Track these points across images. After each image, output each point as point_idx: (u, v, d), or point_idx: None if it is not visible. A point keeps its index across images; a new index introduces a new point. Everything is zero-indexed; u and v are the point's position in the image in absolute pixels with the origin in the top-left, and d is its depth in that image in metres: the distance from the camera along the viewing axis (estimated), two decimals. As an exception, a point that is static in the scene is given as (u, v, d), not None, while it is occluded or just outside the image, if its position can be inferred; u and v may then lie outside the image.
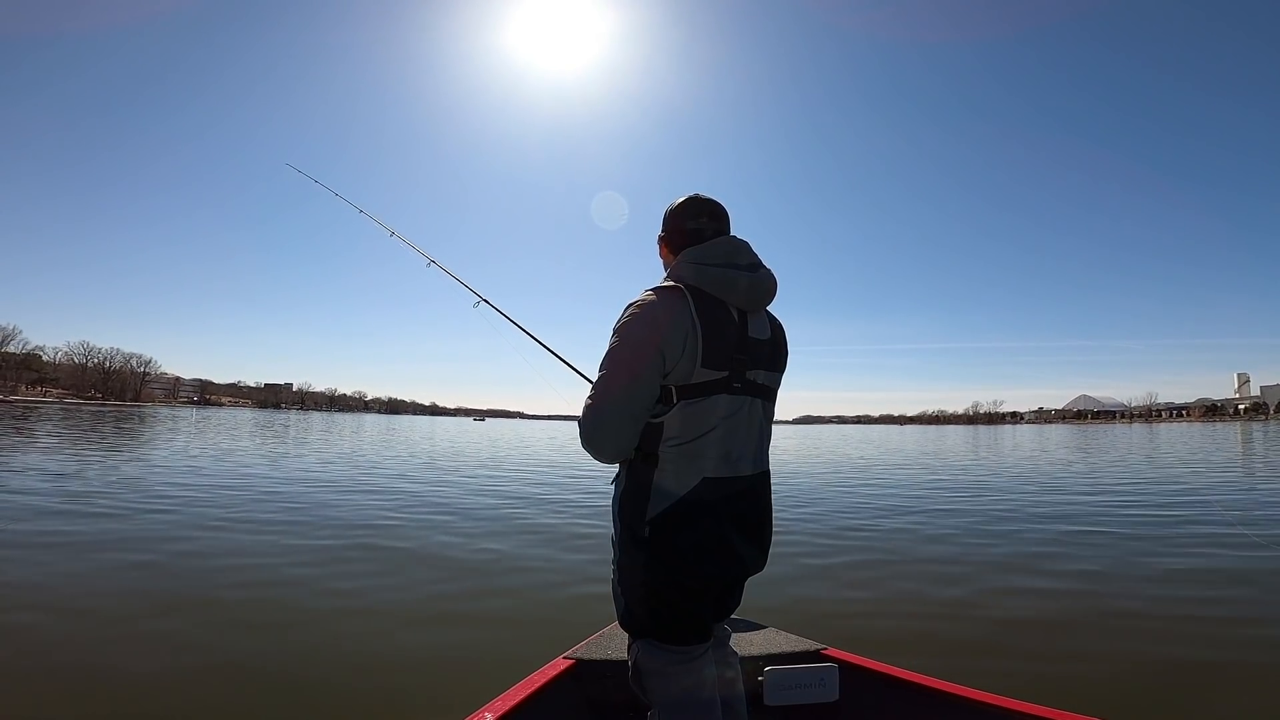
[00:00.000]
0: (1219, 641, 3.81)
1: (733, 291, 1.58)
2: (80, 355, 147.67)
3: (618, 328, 1.54)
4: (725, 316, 1.56)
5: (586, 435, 1.54)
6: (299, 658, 3.47)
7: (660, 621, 1.57)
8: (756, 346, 1.61)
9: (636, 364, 1.49)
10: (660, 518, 1.49)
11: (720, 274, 1.58)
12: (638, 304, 1.56)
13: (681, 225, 1.71)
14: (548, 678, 2.13)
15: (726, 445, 1.54)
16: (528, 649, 3.08)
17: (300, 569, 5.23)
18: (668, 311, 1.51)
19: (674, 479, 1.50)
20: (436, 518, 7.96)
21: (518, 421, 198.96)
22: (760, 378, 1.62)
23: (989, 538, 7.13)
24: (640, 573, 1.55)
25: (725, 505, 1.53)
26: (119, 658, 3.37)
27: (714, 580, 1.58)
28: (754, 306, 1.64)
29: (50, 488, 9.22)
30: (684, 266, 1.61)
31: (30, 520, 6.81)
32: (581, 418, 1.54)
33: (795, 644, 2.41)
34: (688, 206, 1.73)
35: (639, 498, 1.53)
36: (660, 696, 1.59)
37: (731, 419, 1.54)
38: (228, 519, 7.29)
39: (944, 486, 12.69)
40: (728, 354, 1.53)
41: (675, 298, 1.53)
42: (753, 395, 1.60)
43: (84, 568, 5.04)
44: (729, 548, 1.54)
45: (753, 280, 1.62)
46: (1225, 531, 7.10)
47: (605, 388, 1.52)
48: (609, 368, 1.53)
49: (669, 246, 1.74)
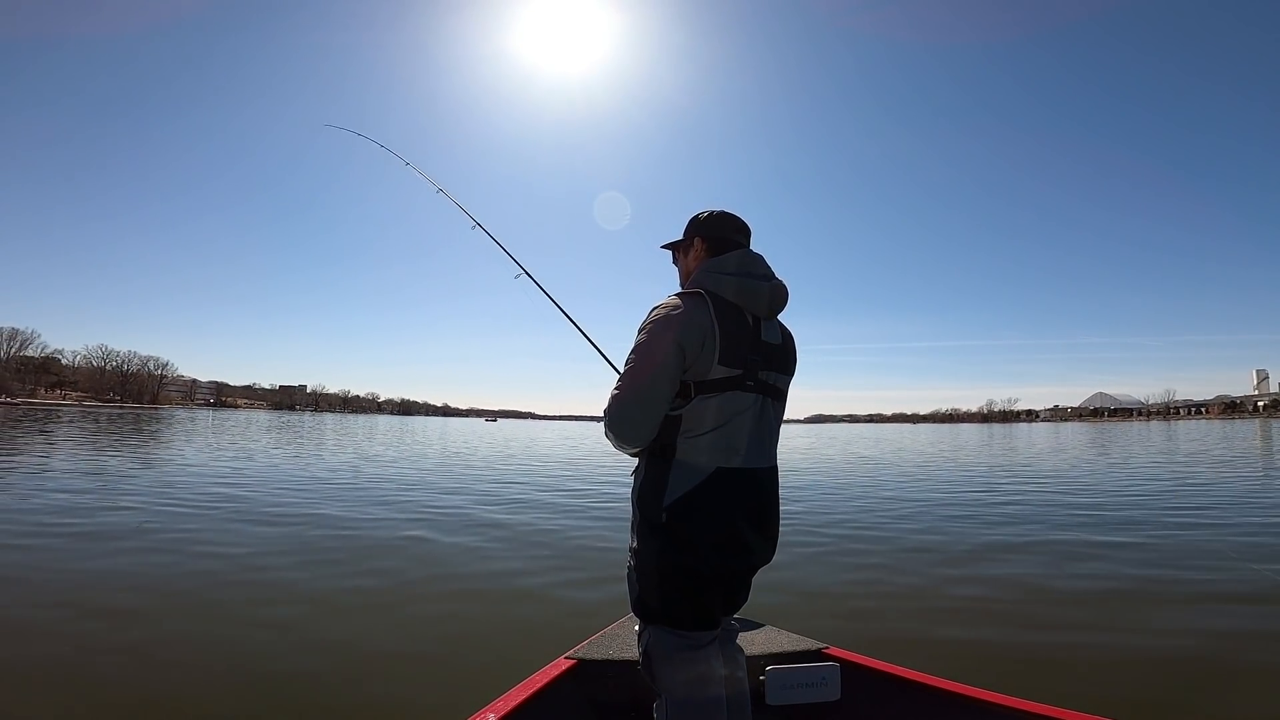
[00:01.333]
0: (1219, 643, 3.77)
1: (748, 298, 1.73)
2: (98, 358, 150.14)
3: (644, 326, 1.69)
4: (741, 320, 1.70)
5: (612, 423, 1.67)
6: (299, 657, 3.49)
7: (671, 607, 1.65)
8: (769, 349, 1.75)
9: (659, 358, 1.62)
10: (676, 504, 1.60)
11: (738, 282, 1.73)
12: (663, 305, 1.70)
13: (724, 234, 1.86)
14: (549, 678, 2.15)
15: (739, 439, 1.65)
16: (528, 649, 3.10)
17: (298, 569, 5.29)
18: (690, 312, 1.65)
19: (690, 468, 1.62)
20: (439, 517, 8.02)
21: (529, 422, 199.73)
22: (771, 378, 1.75)
23: (992, 537, 7.07)
24: (654, 558, 1.65)
25: (737, 496, 1.64)
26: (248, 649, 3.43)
27: (724, 567, 1.66)
28: (768, 313, 1.77)
29: (149, 490, 9.37)
30: (705, 275, 1.76)
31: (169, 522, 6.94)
32: (608, 407, 1.67)
33: (796, 643, 2.41)
34: (728, 220, 1.88)
35: (657, 486, 1.64)
36: (668, 683, 1.67)
37: (744, 414, 1.67)
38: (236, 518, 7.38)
39: (948, 485, 12.60)
40: (743, 354, 1.67)
41: (697, 301, 1.68)
42: (764, 394, 1.72)
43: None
44: (739, 536, 1.65)
45: (764, 288, 1.76)
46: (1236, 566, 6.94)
47: (631, 380, 1.65)
48: (635, 361, 1.66)
49: (707, 250, 1.85)
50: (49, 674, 3.21)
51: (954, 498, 10.59)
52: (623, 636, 2.44)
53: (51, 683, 3.12)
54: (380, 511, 8.34)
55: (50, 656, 3.40)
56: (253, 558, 5.61)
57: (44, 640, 3.63)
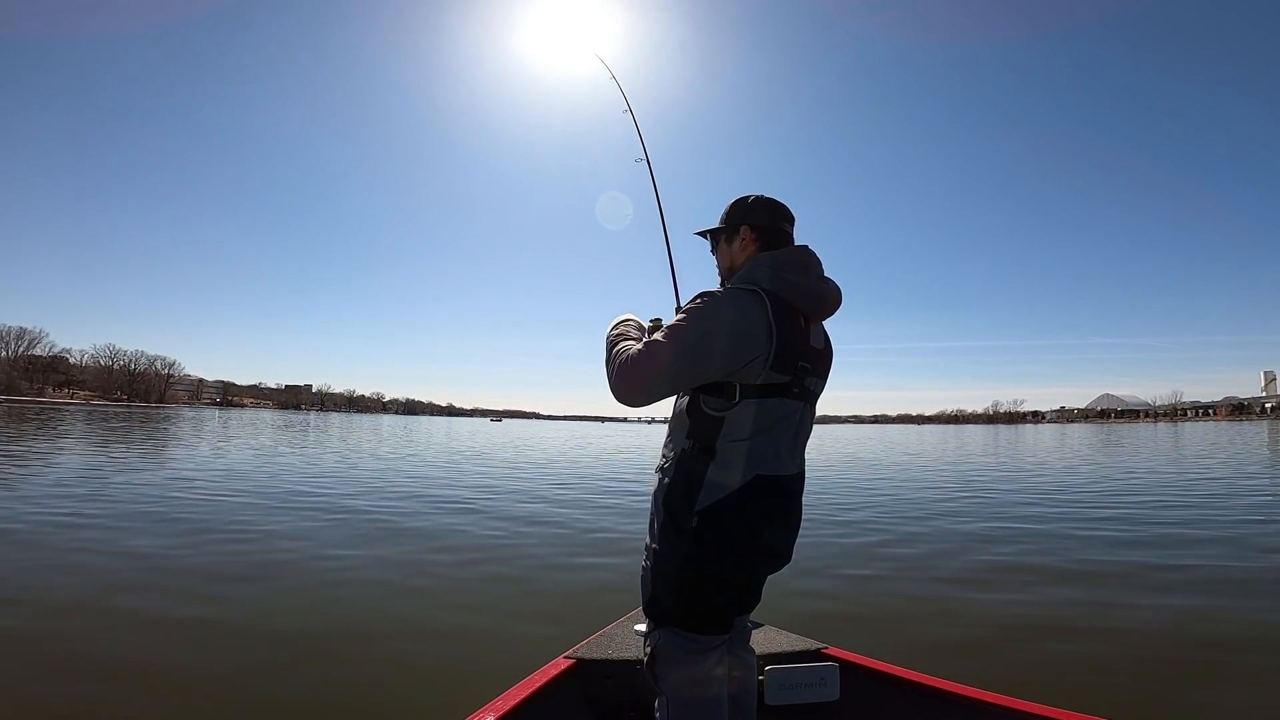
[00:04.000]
0: (1219, 645, 3.75)
1: (809, 302, 1.64)
2: (106, 358, 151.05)
3: (687, 308, 1.58)
4: (796, 325, 1.60)
5: (619, 373, 1.55)
6: (299, 656, 3.50)
7: (688, 610, 1.61)
8: (816, 355, 1.67)
9: (690, 345, 1.52)
10: (710, 509, 1.54)
11: (797, 282, 1.63)
12: (715, 295, 1.58)
13: (777, 225, 1.73)
14: (548, 677, 2.14)
15: (780, 445, 1.60)
16: (529, 649, 3.10)
17: (294, 570, 5.31)
18: (742, 313, 1.54)
19: (729, 473, 1.55)
20: (445, 520, 8.04)
21: (534, 422, 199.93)
22: (813, 384, 1.67)
23: (992, 537, 7.06)
24: (678, 561, 1.59)
25: (771, 502, 1.60)
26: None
27: (752, 573, 1.64)
28: (821, 317, 1.70)
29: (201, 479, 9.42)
30: (762, 270, 1.64)
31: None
32: (623, 357, 1.56)
33: (796, 643, 2.41)
34: (778, 209, 1.75)
35: (690, 488, 1.57)
36: (672, 684, 1.64)
37: (786, 421, 1.60)
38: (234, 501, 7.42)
39: (948, 486, 12.56)
40: (794, 361, 1.58)
41: (753, 301, 1.56)
42: (806, 400, 1.65)
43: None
44: (765, 544, 1.61)
45: (824, 291, 1.67)
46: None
47: (658, 349, 1.53)
48: (667, 335, 1.55)
49: (758, 241, 1.73)
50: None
51: (954, 498, 10.56)
52: (622, 636, 2.44)
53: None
54: (390, 510, 8.38)
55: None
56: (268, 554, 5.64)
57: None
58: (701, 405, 1.58)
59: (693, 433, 1.59)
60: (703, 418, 1.58)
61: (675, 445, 1.64)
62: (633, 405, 1.61)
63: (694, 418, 1.60)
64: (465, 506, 9.00)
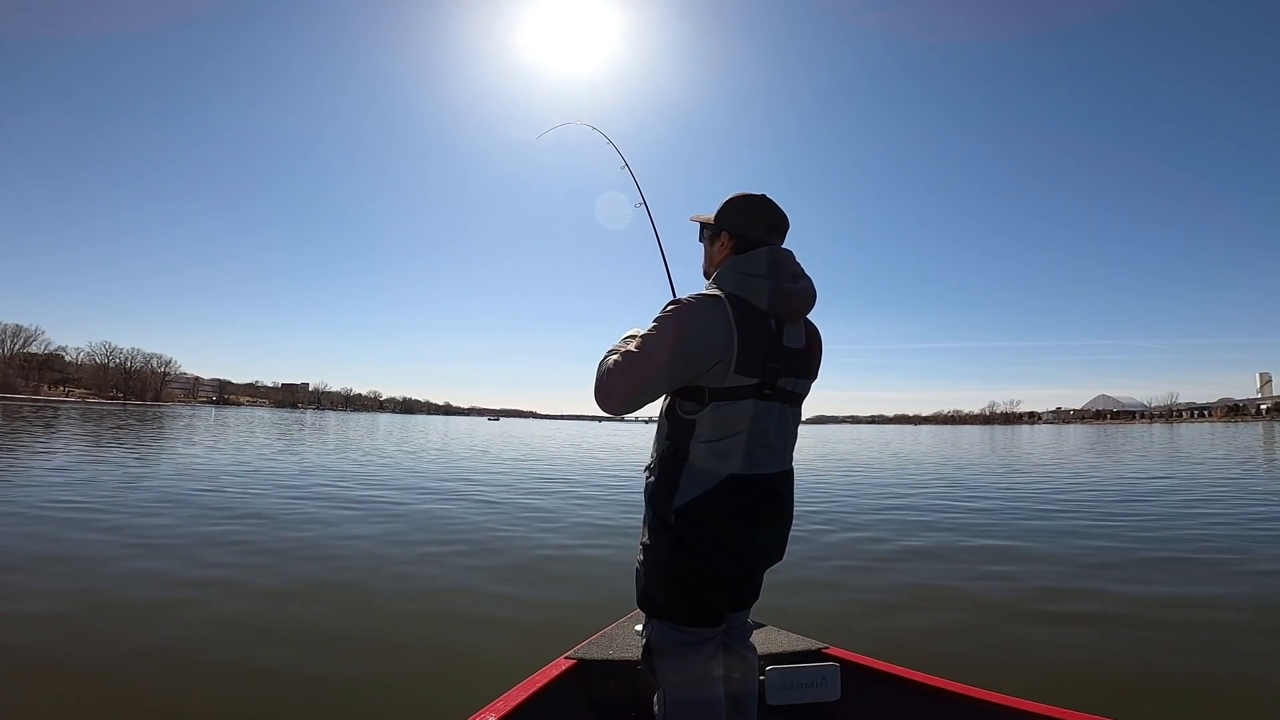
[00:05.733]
0: (1219, 645, 3.77)
1: (776, 303, 1.65)
2: (102, 355, 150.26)
3: (658, 319, 1.63)
4: (762, 326, 1.63)
5: (596, 385, 1.66)
6: (299, 655, 3.50)
7: (675, 603, 1.66)
8: (790, 355, 1.69)
9: (660, 353, 1.58)
10: (685, 508, 1.61)
11: (762, 284, 1.64)
12: (680, 303, 1.64)
13: (755, 235, 1.73)
14: (549, 678, 2.15)
15: (752, 447, 1.62)
16: (529, 648, 3.10)
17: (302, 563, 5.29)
18: (704, 317, 1.58)
19: (700, 474, 1.61)
20: (446, 519, 8.03)
21: (531, 421, 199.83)
22: (791, 384, 1.69)
23: (992, 538, 7.07)
24: (663, 555, 1.66)
25: (746, 501, 1.62)
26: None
27: (728, 570, 1.68)
28: (793, 318, 1.70)
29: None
30: (728, 275, 1.68)
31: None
32: (602, 369, 1.66)
33: (796, 643, 2.42)
34: (761, 218, 1.75)
35: (669, 487, 1.64)
36: (668, 678, 1.68)
37: (759, 423, 1.63)
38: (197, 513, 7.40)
39: (947, 486, 12.59)
40: (761, 362, 1.61)
41: (714, 305, 1.60)
42: (783, 401, 1.68)
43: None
44: (745, 541, 1.64)
45: (793, 291, 1.68)
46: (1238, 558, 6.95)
47: (630, 359, 1.61)
48: (640, 344, 1.61)
49: (733, 244, 1.75)
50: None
51: (954, 498, 10.59)
52: (623, 636, 2.45)
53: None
54: (394, 507, 8.37)
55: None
56: (245, 556, 5.63)
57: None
58: (677, 408, 1.66)
59: (670, 434, 1.67)
60: (677, 420, 1.66)
61: (658, 446, 1.72)
62: (612, 413, 1.69)
63: (671, 420, 1.68)
64: (484, 501, 8.99)
